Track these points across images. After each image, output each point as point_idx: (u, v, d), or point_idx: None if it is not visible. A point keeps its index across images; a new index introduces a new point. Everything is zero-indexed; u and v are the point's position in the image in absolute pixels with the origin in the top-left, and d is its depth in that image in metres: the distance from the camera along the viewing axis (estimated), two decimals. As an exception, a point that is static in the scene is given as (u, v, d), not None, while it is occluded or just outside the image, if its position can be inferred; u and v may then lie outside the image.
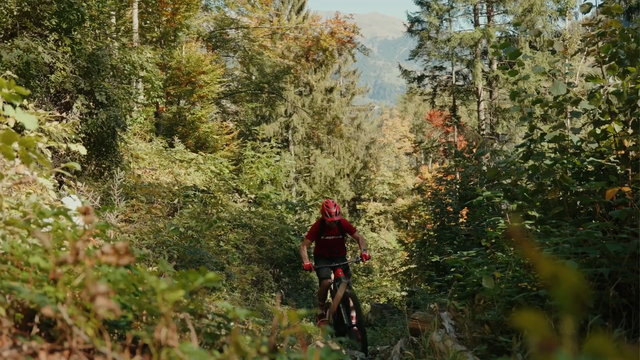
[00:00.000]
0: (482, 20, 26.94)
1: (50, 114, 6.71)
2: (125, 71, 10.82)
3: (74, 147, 4.13)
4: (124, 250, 1.40)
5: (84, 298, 1.33)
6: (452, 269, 7.52)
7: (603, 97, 4.67)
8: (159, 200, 12.09)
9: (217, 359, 1.24)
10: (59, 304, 1.39)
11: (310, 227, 8.62)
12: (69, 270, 1.48)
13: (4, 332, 1.42)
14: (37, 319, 1.54)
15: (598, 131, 4.82)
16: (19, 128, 6.41)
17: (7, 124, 4.79)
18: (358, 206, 43.72)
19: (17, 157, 2.24)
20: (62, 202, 6.29)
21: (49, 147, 7.46)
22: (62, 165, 2.66)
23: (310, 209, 21.25)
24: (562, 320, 0.62)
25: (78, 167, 2.46)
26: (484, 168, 13.42)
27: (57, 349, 1.42)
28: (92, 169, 9.96)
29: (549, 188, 5.00)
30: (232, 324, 1.74)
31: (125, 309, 1.62)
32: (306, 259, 7.79)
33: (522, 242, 0.65)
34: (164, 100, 22.94)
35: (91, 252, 1.45)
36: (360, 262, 7.70)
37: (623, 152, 4.56)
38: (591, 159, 4.88)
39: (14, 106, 2.17)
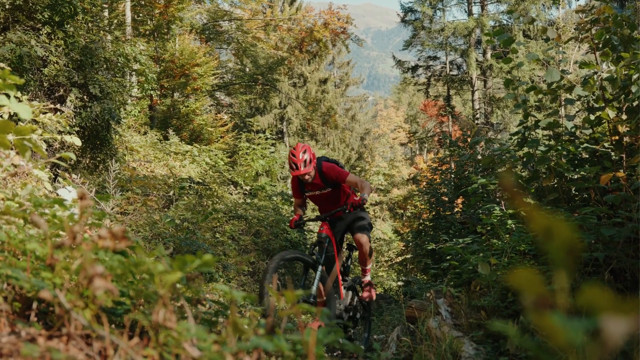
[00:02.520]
0: (476, 9, 26.90)
1: (44, 106, 6.69)
2: (119, 64, 10.77)
3: (68, 138, 4.13)
4: (120, 235, 1.40)
5: (81, 282, 1.33)
6: (448, 257, 7.56)
7: (597, 83, 4.68)
8: (155, 192, 12.09)
9: (214, 340, 1.25)
10: (56, 289, 1.40)
11: None
12: (66, 256, 1.49)
13: (3, 318, 1.43)
14: (34, 306, 1.54)
15: (592, 117, 4.84)
16: (13, 121, 6.37)
17: (1, 115, 4.77)
18: (354, 197, 43.72)
19: (12, 148, 2.23)
20: (57, 194, 6.28)
21: (44, 140, 7.44)
22: (57, 155, 2.66)
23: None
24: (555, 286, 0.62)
25: (73, 157, 2.46)
26: (479, 157, 13.44)
27: (56, 335, 1.43)
28: (87, 161, 9.93)
29: (544, 175, 5.03)
30: (228, 311, 1.75)
31: (123, 296, 1.62)
32: (294, 216, 6.29)
33: (514, 195, 0.66)
34: (158, 93, 22.88)
35: (88, 238, 1.45)
36: (349, 210, 5.87)
37: (617, 137, 4.58)
38: (585, 145, 4.90)
39: (9, 97, 2.17)
